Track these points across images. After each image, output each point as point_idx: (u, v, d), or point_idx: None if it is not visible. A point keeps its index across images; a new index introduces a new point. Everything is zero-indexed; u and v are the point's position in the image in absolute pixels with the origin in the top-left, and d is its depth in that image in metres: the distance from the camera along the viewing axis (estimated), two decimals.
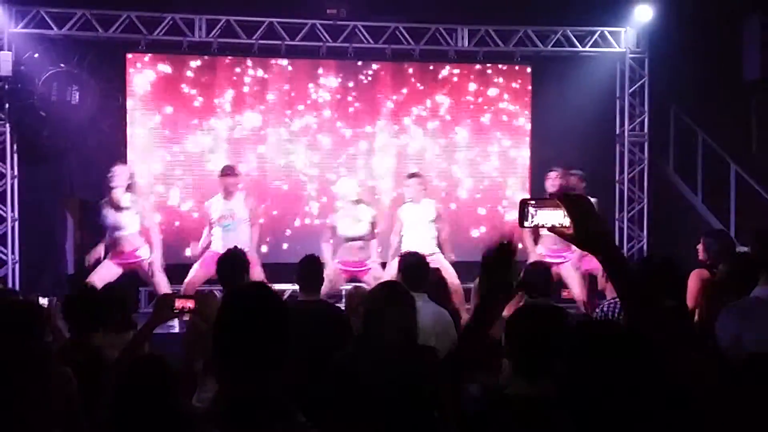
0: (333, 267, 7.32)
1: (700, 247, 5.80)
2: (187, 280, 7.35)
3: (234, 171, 7.62)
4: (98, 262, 7.26)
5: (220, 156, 8.71)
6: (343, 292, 8.14)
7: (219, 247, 7.26)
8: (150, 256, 7.29)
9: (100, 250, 7.29)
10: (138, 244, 7.30)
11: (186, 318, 3.93)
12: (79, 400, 2.85)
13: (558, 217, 1.96)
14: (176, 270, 8.23)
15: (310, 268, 4.87)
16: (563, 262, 7.48)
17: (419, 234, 7.56)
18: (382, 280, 7.00)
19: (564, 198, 1.96)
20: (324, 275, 5.03)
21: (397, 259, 7.28)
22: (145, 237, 7.33)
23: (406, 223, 7.63)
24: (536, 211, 1.99)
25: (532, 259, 6.96)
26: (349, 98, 9.14)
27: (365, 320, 3.40)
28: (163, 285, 7.25)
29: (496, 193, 9.40)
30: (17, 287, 8.36)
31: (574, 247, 7.48)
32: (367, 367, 3.13)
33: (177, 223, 8.77)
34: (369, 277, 7.42)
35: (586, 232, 1.94)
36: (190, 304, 3.04)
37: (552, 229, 1.98)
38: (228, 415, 1.89)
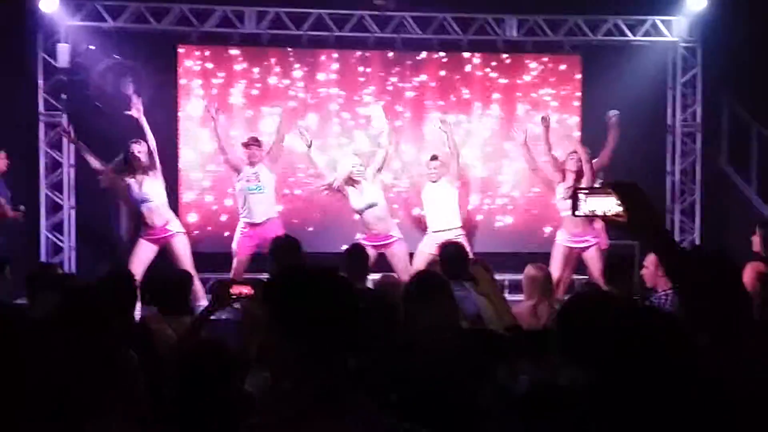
0: None
1: (755, 238, 5.72)
2: (234, 267, 7.53)
3: (257, 141, 7.84)
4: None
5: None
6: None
7: (247, 214, 7.64)
8: (179, 226, 7.63)
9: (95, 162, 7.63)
10: (168, 216, 7.48)
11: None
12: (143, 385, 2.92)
13: (610, 204, 1.98)
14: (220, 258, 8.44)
15: (356, 257, 4.92)
16: (588, 247, 7.43)
17: (442, 212, 7.78)
18: (414, 269, 7.18)
19: (616, 186, 1.98)
20: None
21: (427, 243, 7.46)
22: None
23: (427, 202, 7.90)
24: (587, 198, 2.01)
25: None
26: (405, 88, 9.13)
27: (407, 317, 3.38)
28: (187, 263, 7.39)
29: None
30: (74, 273, 8.61)
31: (597, 230, 7.52)
32: (417, 358, 3.12)
33: (223, 217, 8.87)
34: (394, 251, 7.47)
35: (639, 219, 1.95)
36: (246, 290, 3.11)
37: (604, 217, 2.00)
38: (297, 416, 1.75)
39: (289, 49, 8.98)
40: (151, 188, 7.48)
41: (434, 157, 8.03)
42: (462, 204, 8.20)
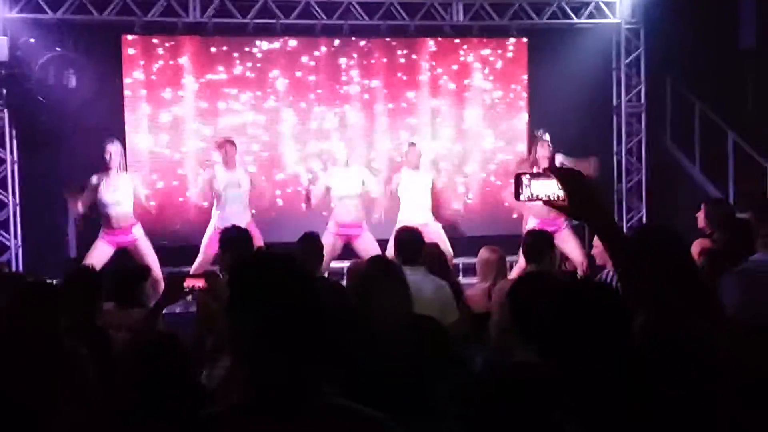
0: (326, 235, 7.40)
1: (699, 215, 5.85)
2: (196, 261, 7.46)
3: (232, 143, 7.72)
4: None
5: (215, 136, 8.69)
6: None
7: (223, 219, 7.45)
8: (140, 231, 7.48)
9: (78, 204, 7.37)
10: (132, 221, 7.39)
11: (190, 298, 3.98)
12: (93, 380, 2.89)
13: (552, 188, 2.02)
14: (181, 251, 8.34)
15: (310, 245, 4.91)
16: (558, 230, 7.56)
17: (416, 201, 7.67)
18: (372, 253, 7.22)
19: (556, 170, 2.02)
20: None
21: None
22: (136, 214, 7.50)
23: (402, 188, 7.82)
24: (530, 182, 2.04)
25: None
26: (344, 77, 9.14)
27: (359, 298, 3.40)
28: (152, 263, 7.31)
29: (493, 166, 9.42)
30: (20, 271, 8.42)
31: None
32: (369, 345, 3.14)
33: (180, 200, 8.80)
34: (361, 241, 7.51)
35: (580, 202, 1.99)
36: (199, 283, 3.09)
37: (547, 201, 2.03)
38: (258, 405, 1.71)
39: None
40: (121, 191, 7.32)
41: (412, 144, 8.03)
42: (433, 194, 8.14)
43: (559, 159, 7.76)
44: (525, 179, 2.04)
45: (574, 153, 8.03)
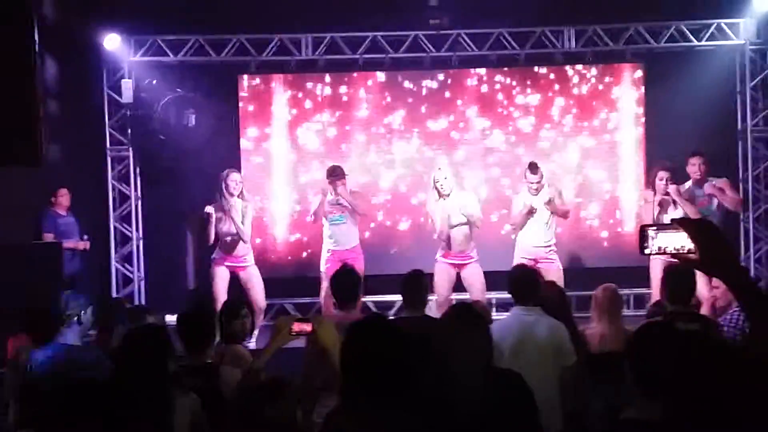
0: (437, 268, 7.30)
1: None
2: (321, 294, 7.56)
3: (341, 170, 7.71)
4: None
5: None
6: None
7: (330, 243, 7.65)
8: (252, 259, 7.67)
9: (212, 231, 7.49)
10: (247, 249, 7.59)
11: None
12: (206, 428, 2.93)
13: (681, 240, 1.90)
14: (294, 283, 8.51)
15: (413, 285, 4.84)
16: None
17: (537, 226, 7.47)
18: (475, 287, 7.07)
19: (685, 223, 1.89)
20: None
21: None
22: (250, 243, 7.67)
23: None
24: (657, 234, 1.93)
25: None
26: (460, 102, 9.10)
27: (436, 346, 3.29)
28: (257, 291, 7.52)
29: (612, 198, 9.12)
30: (143, 303, 8.79)
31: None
32: (446, 395, 3.02)
33: (304, 238, 8.97)
34: (468, 271, 7.34)
35: (712, 255, 1.86)
36: (307, 327, 3.10)
37: (676, 254, 1.91)
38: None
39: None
40: (239, 221, 7.50)
41: (534, 167, 7.44)
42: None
43: (709, 186, 7.47)
44: (651, 231, 1.94)
45: (699, 182, 7.67)
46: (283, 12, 8.55)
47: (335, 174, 7.67)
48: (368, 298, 8.37)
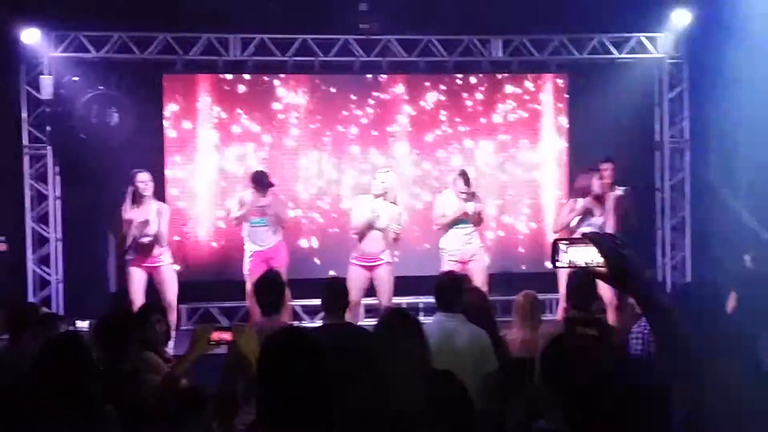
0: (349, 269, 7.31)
1: (746, 257, 5.68)
2: (248, 296, 7.46)
3: (267, 180, 7.65)
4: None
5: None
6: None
7: (250, 245, 7.64)
8: (168, 259, 7.48)
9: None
10: (163, 248, 7.43)
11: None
12: None
13: (590, 254, 1.96)
14: (220, 287, 8.40)
15: (332, 292, 4.83)
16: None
17: (462, 232, 7.52)
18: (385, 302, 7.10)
19: (593, 237, 1.96)
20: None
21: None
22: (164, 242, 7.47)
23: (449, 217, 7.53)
24: (567, 249, 1.99)
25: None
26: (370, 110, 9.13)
27: (376, 350, 3.32)
28: (172, 292, 7.38)
29: (534, 204, 9.30)
30: (61, 306, 8.55)
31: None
32: (385, 400, 3.05)
33: (221, 243, 8.86)
34: (376, 274, 7.36)
35: (617, 268, 1.93)
36: (227, 336, 3.06)
37: (586, 268, 1.97)
38: None
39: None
40: (153, 222, 7.34)
41: (466, 179, 7.50)
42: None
43: (617, 192, 7.65)
44: (562, 245, 2.01)
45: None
46: (211, 11, 8.41)
47: (261, 183, 7.60)
48: (296, 302, 8.32)
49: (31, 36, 8.22)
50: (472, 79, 9.20)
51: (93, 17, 8.29)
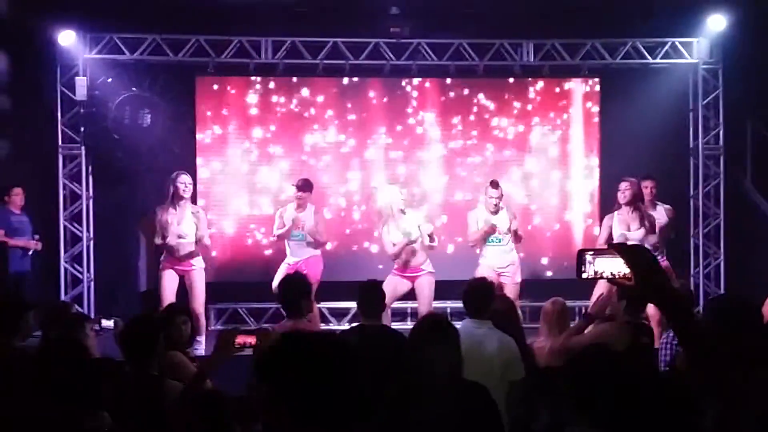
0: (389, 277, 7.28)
1: None
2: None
3: (309, 184, 7.68)
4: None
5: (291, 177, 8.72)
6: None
7: (288, 257, 7.62)
8: (201, 263, 7.48)
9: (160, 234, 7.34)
10: (195, 253, 7.45)
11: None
12: None
13: (617, 266, 1.92)
14: (248, 287, 8.44)
15: (370, 294, 4.84)
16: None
17: (492, 245, 7.47)
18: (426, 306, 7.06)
19: (621, 248, 1.92)
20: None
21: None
22: (199, 246, 7.47)
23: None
24: (594, 259, 1.95)
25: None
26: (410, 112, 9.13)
27: (408, 356, 3.31)
28: (199, 301, 7.39)
29: (563, 210, 9.23)
30: (92, 305, 8.66)
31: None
32: (415, 405, 3.05)
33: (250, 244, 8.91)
34: (418, 284, 7.35)
35: (648, 282, 1.88)
36: (251, 340, 3.06)
37: (612, 279, 1.94)
38: None
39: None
40: (187, 226, 7.36)
41: (495, 184, 7.48)
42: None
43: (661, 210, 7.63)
44: (588, 256, 1.96)
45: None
46: (244, 14, 8.48)
47: (306, 188, 7.61)
48: (323, 305, 8.34)
49: (66, 38, 8.35)
50: (501, 83, 9.15)
51: (128, 19, 8.40)
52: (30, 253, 7.89)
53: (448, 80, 9.11)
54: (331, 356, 1.78)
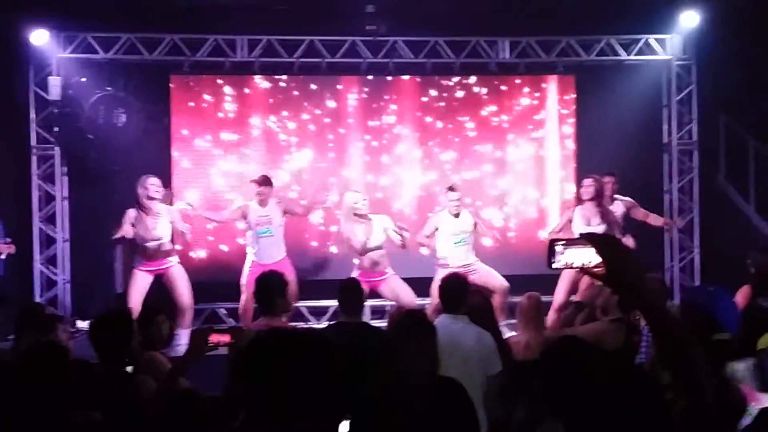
0: None
1: (749, 261, 5.66)
2: (240, 305, 7.45)
3: (268, 180, 7.68)
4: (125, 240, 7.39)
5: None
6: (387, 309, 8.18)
7: (253, 255, 7.59)
8: (176, 259, 7.45)
9: (127, 229, 7.23)
10: (170, 252, 7.42)
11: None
12: None
13: (588, 255, 1.92)
14: (226, 288, 8.40)
15: (350, 292, 4.85)
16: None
17: (457, 246, 7.51)
18: (403, 304, 7.06)
19: (592, 238, 1.91)
20: None
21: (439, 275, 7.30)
22: (176, 241, 7.46)
23: (442, 234, 7.55)
24: (564, 250, 1.95)
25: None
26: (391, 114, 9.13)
27: (388, 352, 3.32)
28: (185, 293, 7.35)
29: (540, 205, 9.27)
30: (68, 307, 8.57)
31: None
32: (393, 401, 3.05)
33: (227, 244, 8.88)
34: (386, 287, 7.36)
35: (618, 272, 1.88)
36: (225, 338, 3.05)
37: (583, 269, 1.94)
38: None
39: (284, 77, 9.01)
40: (162, 227, 7.32)
41: (453, 188, 7.63)
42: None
43: (618, 204, 7.69)
44: (559, 246, 1.96)
45: (624, 192, 7.90)
46: (219, 13, 8.43)
47: (265, 183, 7.60)
48: (302, 303, 8.32)
49: (39, 37, 8.26)
50: (474, 80, 9.17)
51: (101, 19, 8.33)
52: (3, 257, 7.77)
53: (418, 78, 9.10)
54: (309, 353, 1.78)
